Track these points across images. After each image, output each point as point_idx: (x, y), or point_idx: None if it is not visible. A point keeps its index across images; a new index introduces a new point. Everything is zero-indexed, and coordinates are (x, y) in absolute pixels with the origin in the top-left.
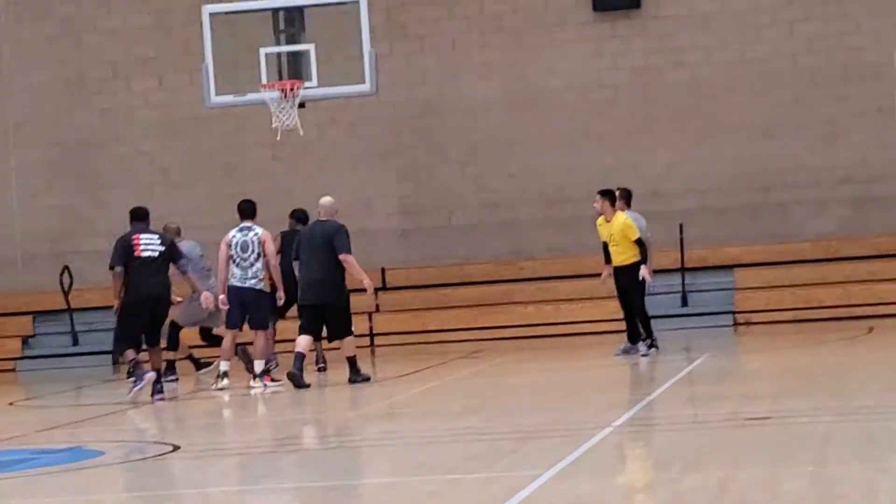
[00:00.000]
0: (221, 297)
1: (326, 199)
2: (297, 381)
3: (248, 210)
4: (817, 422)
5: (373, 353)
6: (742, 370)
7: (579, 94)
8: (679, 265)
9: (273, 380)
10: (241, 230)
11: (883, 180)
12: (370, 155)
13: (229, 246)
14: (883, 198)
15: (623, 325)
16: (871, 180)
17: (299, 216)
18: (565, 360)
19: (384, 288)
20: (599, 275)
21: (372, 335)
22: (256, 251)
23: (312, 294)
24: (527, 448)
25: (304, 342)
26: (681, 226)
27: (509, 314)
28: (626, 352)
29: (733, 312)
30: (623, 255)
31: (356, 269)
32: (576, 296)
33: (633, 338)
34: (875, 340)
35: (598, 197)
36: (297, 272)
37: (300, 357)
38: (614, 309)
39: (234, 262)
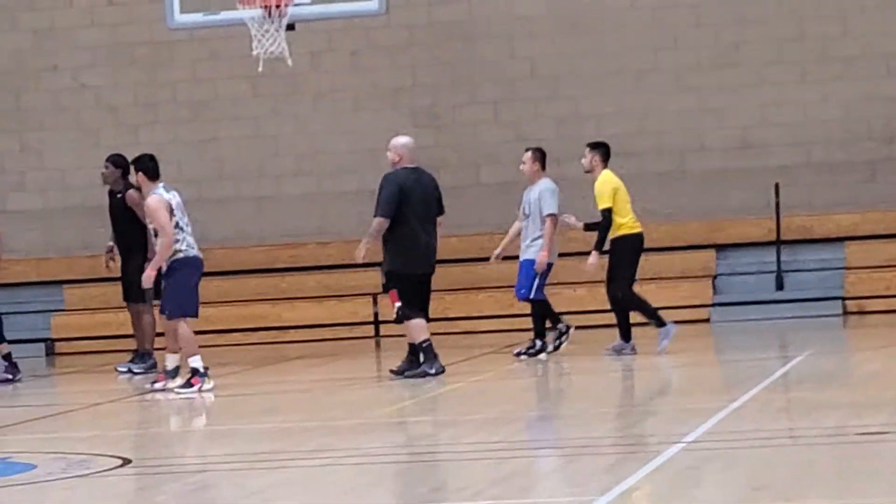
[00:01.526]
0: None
1: (408, 140)
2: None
3: (158, 167)
4: None
5: (378, 345)
6: (853, 372)
7: (648, 14)
8: (774, 237)
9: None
10: (167, 190)
11: None
12: (377, 92)
13: (170, 209)
14: None
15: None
16: None
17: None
18: (625, 357)
19: None
20: (671, 248)
21: (377, 322)
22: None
23: (429, 262)
24: (574, 467)
25: (425, 326)
26: (777, 186)
27: (555, 297)
28: (617, 350)
29: (843, 298)
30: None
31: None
32: (640, 275)
33: (626, 333)
34: None
35: (586, 151)
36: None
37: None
38: (689, 292)
39: (180, 228)
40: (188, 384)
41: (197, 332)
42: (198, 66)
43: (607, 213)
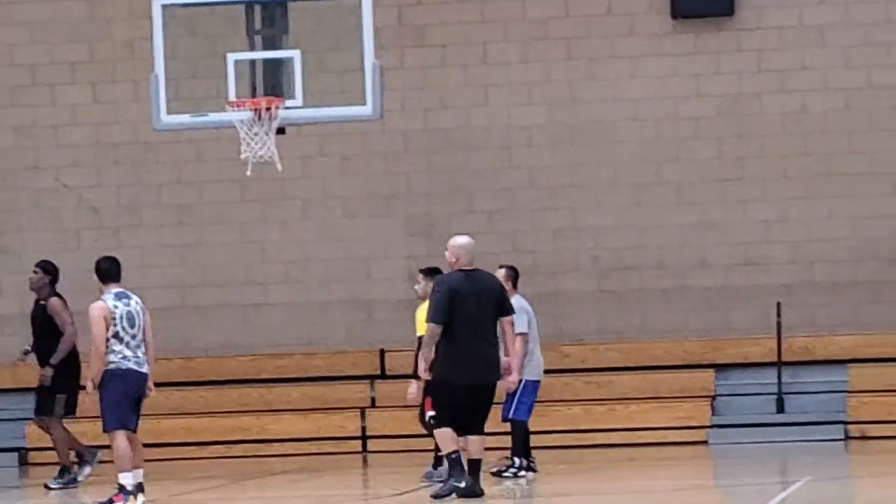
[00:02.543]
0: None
1: (467, 241)
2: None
3: (115, 271)
4: None
5: (364, 460)
6: (854, 500)
7: (650, 127)
8: (775, 358)
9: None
10: (118, 297)
11: None
12: (370, 199)
13: (112, 318)
14: None
15: None
16: None
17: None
18: (622, 479)
19: (382, 376)
20: (670, 367)
21: (364, 437)
22: (141, 326)
23: (479, 373)
24: None
25: (453, 437)
26: (779, 305)
27: (549, 416)
28: (428, 476)
29: (845, 423)
30: None
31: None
32: (637, 394)
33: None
34: None
35: (420, 277)
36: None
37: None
38: (687, 412)
39: (118, 339)
40: (109, 501)
41: (180, 444)
42: (183, 168)
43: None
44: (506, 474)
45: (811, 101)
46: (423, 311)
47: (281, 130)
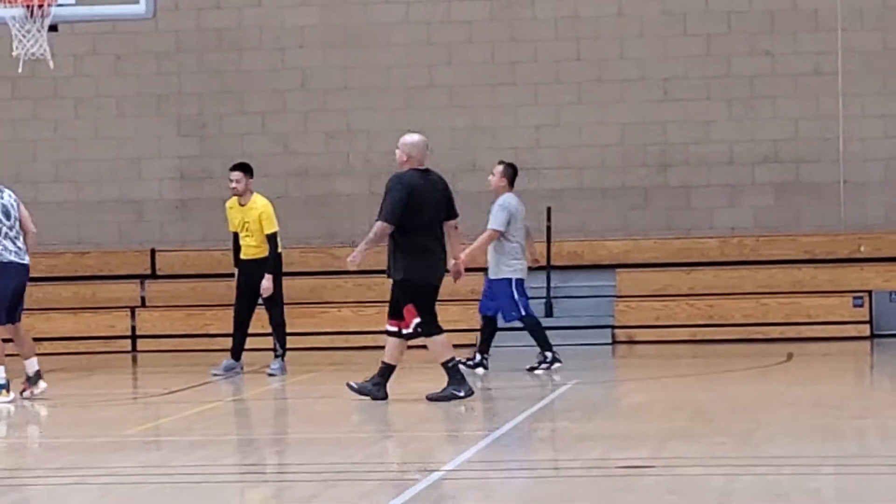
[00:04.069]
0: None
1: (420, 139)
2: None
3: None
4: (713, 473)
5: (134, 360)
6: (619, 403)
7: (422, 30)
8: (545, 262)
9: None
10: None
11: (815, 160)
12: (141, 99)
13: None
14: (815, 185)
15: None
16: (801, 160)
17: None
18: (393, 381)
19: (153, 275)
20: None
21: (134, 336)
22: (17, 218)
23: (443, 271)
24: (331, 493)
25: (448, 343)
26: (548, 210)
27: (318, 317)
28: (229, 370)
29: (612, 327)
30: (258, 247)
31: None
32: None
33: (239, 353)
34: (794, 371)
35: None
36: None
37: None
38: (459, 314)
39: None
40: None
41: None
42: None
43: (275, 237)
44: (538, 371)
45: (583, 7)
46: (250, 208)
47: (53, 28)
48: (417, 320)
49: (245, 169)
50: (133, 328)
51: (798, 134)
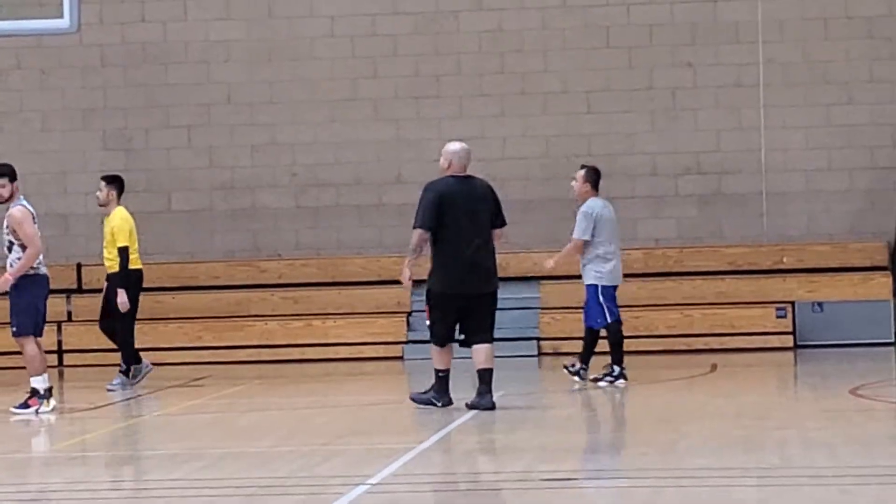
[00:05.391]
0: None
1: (461, 146)
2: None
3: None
4: (637, 486)
5: (60, 375)
6: (544, 415)
7: (347, 43)
8: None
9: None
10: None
11: (738, 172)
12: (67, 113)
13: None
14: (737, 196)
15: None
16: (723, 171)
17: None
18: (316, 393)
19: (79, 290)
20: (366, 283)
21: (60, 351)
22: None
23: (473, 281)
24: None
25: (446, 357)
26: None
27: (244, 331)
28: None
29: (537, 339)
30: (114, 260)
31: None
32: (333, 309)
33: (134, 358)
34: (718, 382)
35: (103, 185)
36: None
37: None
38: (382, 328)
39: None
40: (25, 405)
41: None
42: None
43: (125, 251)
44: (601, 383)
45: (507, 20)
46: (109, 221)
47: None
48: (429, 322)
49: (110, 180)
50: (59, 342)
51: (720, 145)
